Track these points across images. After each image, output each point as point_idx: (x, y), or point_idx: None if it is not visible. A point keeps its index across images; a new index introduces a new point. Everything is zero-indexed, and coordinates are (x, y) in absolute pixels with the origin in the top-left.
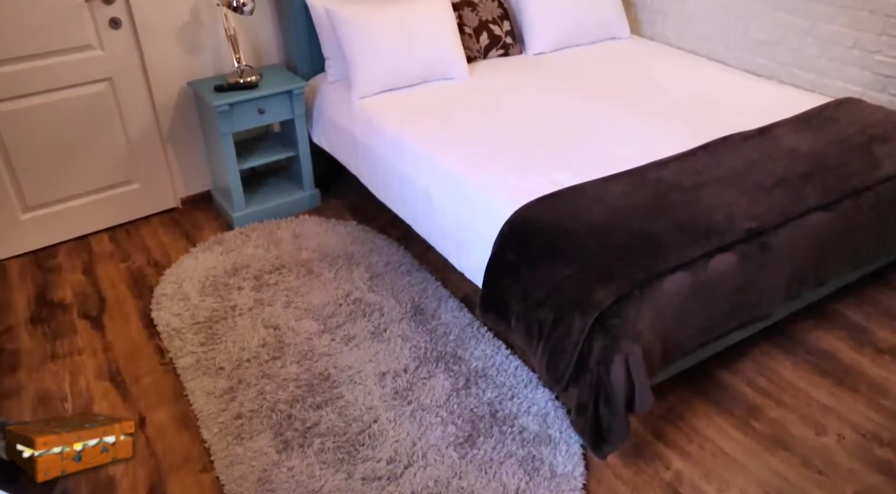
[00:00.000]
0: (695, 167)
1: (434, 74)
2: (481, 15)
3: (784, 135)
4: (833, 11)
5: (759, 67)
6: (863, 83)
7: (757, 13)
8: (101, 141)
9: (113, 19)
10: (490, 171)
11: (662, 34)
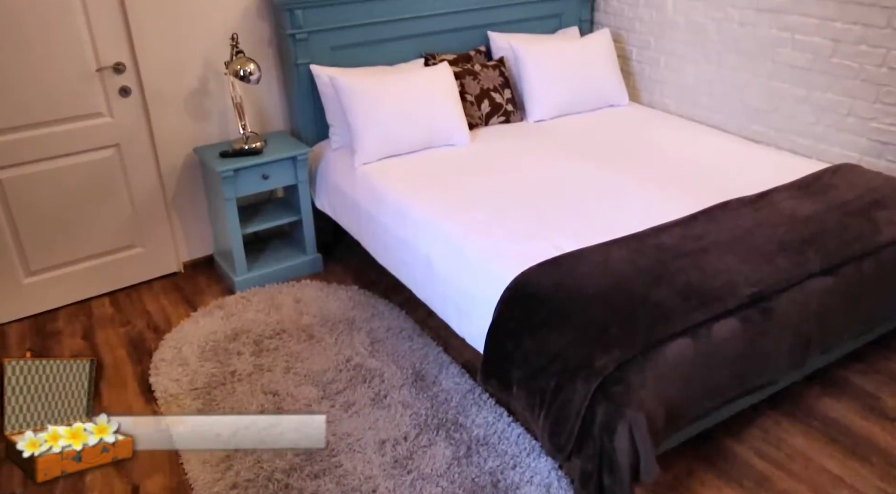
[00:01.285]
0: (695, 232)
1: (436, 141)
2: (483, 83)
3: (783, 200)
4: (827, 80)
5: (757, 134)
6: (859, 149)
7: (752, 82)
8: (106, 205)
9: (123, 87)
10: (491, 237)
11: (661, 102)
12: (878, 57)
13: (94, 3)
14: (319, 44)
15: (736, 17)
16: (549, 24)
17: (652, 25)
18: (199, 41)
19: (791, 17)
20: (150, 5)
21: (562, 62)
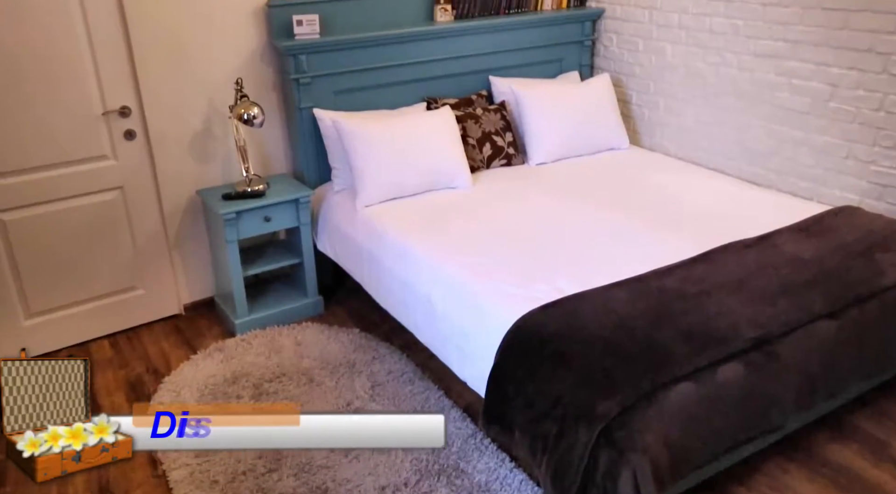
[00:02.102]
0: (697, 275)
1: (438, 184)
2: (484, 127)
3: (785, 242)
4: (824, 124)
5: (757, 176)
6: (860, 192)
7: (751, 125)
8: (108, 247)
9: (128, 131)
10: (492, 279)
11: (661, 144)
12: (875, 101)
13: (102, 48)
14: (323, 88)
15: (734, 63)
16: (550, 68)
17: (651, 70)
18: (205, 85)
19: (788, 62)
20: (157, 50)
21: (563, 106)
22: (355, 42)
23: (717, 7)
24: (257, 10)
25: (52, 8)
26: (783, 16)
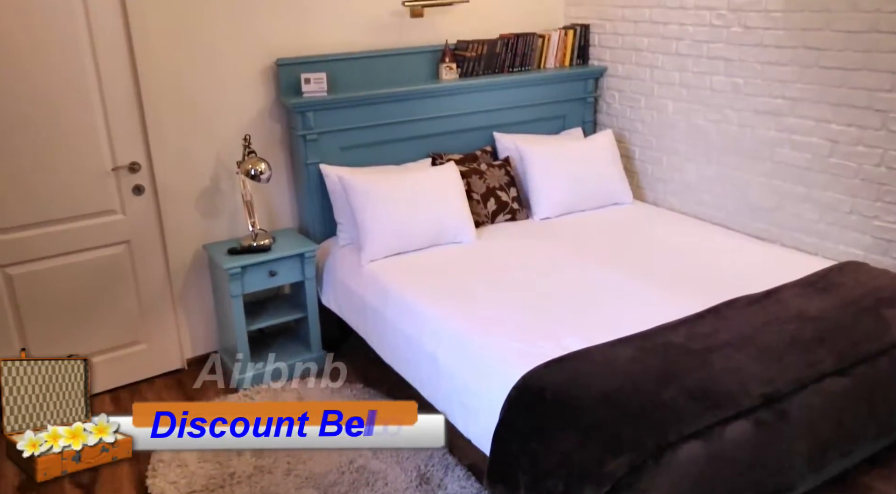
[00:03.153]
0: (703, 331)
1: (443, 238)
2: (489, 182)
3: (790, 298)
4: (827, 179)
5: (761, 231)
6: (864, 247)
7: (753, 181)
8: (112, 301)
9: (137, 186)
10: (497, 335)
11: (664, 199)
12: (876, 157)
13: (114, 105)
14: (329, 144)
15: (734, 119)
16: (554, 124)
17: (653, 126)
18: (214, 141)
19: (788, 119)
20: (168, 106)
21: (566, 161)
22: (362, 100)
23: (717, 66)
24: (266, 69)
25: (66, 65)
26: (782, 74)
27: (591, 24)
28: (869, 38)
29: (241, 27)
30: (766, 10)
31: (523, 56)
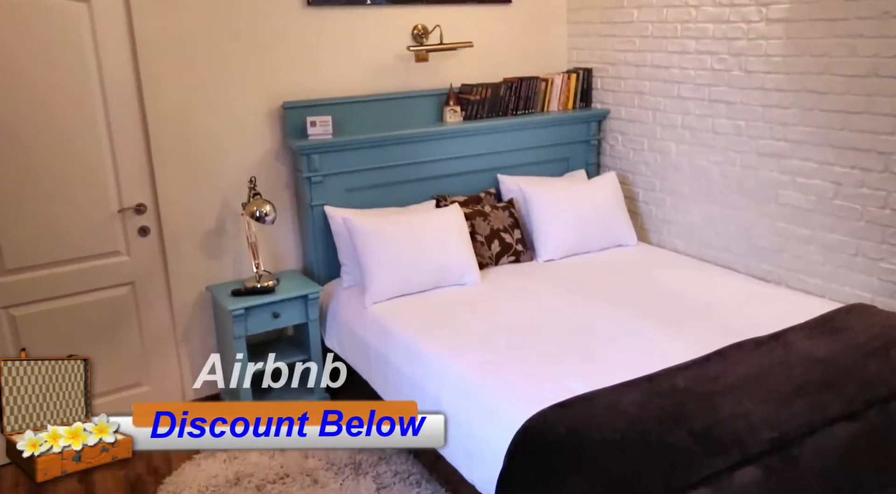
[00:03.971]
0: (709, 374)
1: (447, 280)
2: (493, 224)
3: (798, 340)
4: (831, 221)
5: (766, 273)
6: (871, 289)
7: (758, 222)
8: (115, 343)
9: (142, 227)
10: (501, 378)
11: (669, 241)
12: (880, 199)
13: (122, 147)
14: (334, 186)
15: (737, 161)
16: (557, 167)
17: (657, 168)
18: (220, 182)
19: (791, 161)
20: (175, 149)
21: (570, 203)
22: (367, 142)
23: (719, 109)
24: (273, 112)
25: (76, 109)
26: (783, 117)
27: (594, 67)
28: (869, 82)
29: (248, 72)
30: (767, 54)
31: (527, 99)
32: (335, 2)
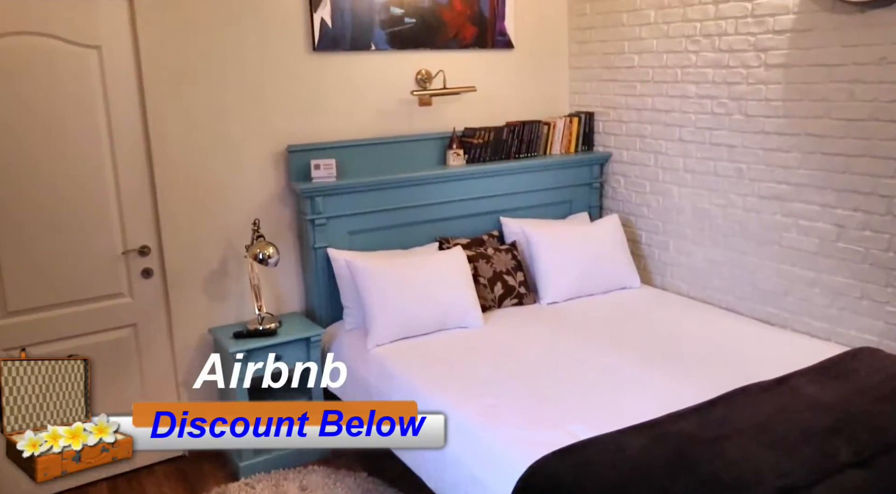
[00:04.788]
0: (715, 419)
1: (449, 323)
2: (495, 266)
3: (804, 385)
4: (835, 264)
5: (771, 316)
6: (878, 332)
7: (761, 265)
8: (115, 386)
9: (146, 269)
10: (504, 423)
11: (673, 284)
12: (884, 242)
13: (128, 190)
14: (337, 228)
15: (739, 204)
16: (560, 209)
17: (659, 211)
18: (223, 225)
19: (793, 204)
20: (180, 192)
21: (573, 246)
22: (370, 185)
23: (720, 152)
24: (277, 155)
25: (82, 150)
26: (784, 160)
27: (596, 111)
28: (868, 126)
29: (254, 115)
30: (767, 98)
31: (529, 142)
32: (340, 47)
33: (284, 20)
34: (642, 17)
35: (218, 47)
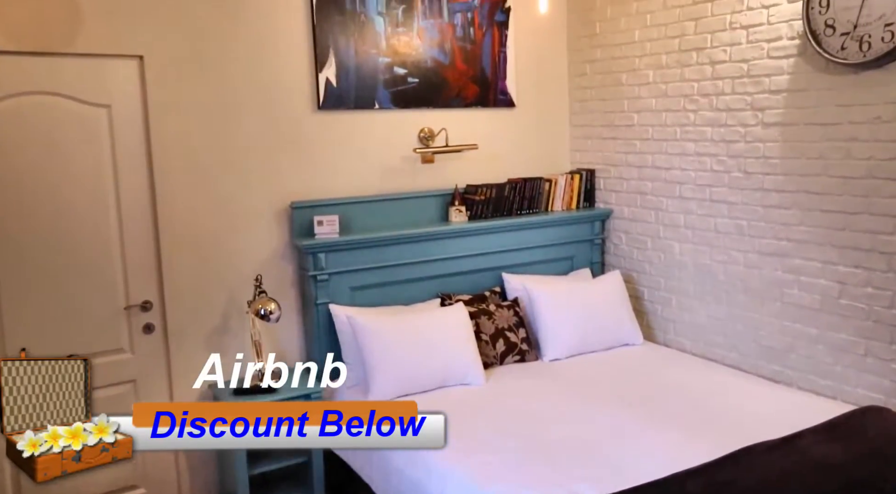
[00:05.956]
0: (721, 479)
1: (451, 380)
2: (497, 323)
3: (811, 445)
4: (838, 321)
5: (775, 373)
6: (884, 391)
7: (764, 322)
8: None
9: (147, 325)
10: (506, 482)
11: (676, 340)
12: (886, 299)
13: (132, 246)
14: (339, 284)
15: (741, 260)
16: (562, 265)
17: (661, 267)
18: (226, 281)
19: (794, 260)
20: (183, 247)
21: (575, 302)
22: (373, 241)
23: (721, 209)
24: (281, 212)
25: (89, 206)
26: (784, 217)
27: (597, 168)
28: (866, 183)
29: (259, 173)
30: (765, 156)
31: (531, 199)
32: (344, 106)
33: (291, 79)
34: (641, 77)
35: (225, 106)
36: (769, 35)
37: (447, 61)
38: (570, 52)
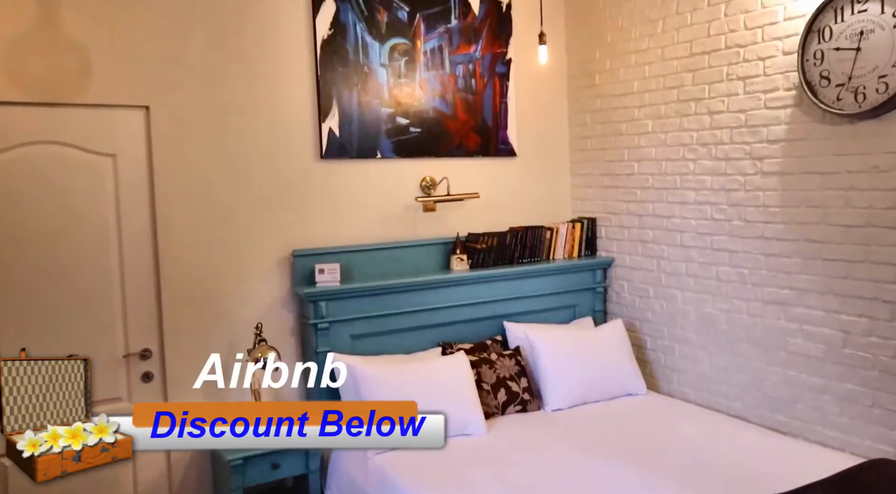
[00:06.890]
0: None
1: (451, 430)
2: (499, 372)
3: None
4: (843, 370)
5: (781, 424)
6: (892, 443)
7: (768, 371)
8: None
9: (146, 373)
10: None
11: (679, 390)
12: (891, 348)
13: (133, 292)
14: (340, 333)
15: (744, 309)
16: (564, 314)
17: (664, 316)
18: (226, 329)
19: (797, 309)
20: (183, 295)
21: (577, 351)
22: (374, 289)
23: (722, 257)
24: (282, 260)
25: (92, 254)
26: (785, 265)
27: (598, 217)
28: (866, 232)
29: (261, 222)
30: (765, 205)
31: (532, 247)
32: (347, 155)
33: (294, 129)
34: (640, 126)
35: (228, 154)
36: (766, 86)
37: (449, 111)
38: (571, 102)
